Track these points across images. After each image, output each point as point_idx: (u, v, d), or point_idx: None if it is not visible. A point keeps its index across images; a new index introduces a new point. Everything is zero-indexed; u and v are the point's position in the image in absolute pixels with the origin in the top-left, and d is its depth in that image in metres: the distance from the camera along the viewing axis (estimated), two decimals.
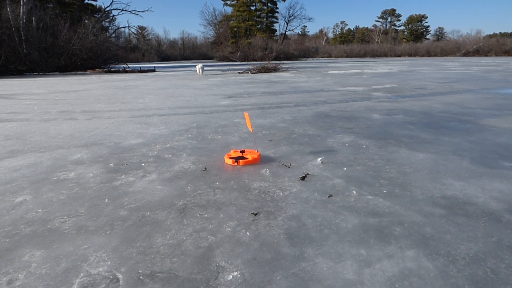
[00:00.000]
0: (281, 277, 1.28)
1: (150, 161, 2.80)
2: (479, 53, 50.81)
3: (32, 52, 20.45)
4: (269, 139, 3.48)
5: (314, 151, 3.01)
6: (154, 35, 75.94)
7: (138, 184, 2.29)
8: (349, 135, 3.57)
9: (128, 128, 4.16)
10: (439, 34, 74.63)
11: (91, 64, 23.61)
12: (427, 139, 3.36)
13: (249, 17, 53.91)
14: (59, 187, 2.26)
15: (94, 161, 2.83)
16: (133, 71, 20.39)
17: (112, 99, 7.29)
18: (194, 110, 5.48)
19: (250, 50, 40.66)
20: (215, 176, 2.42)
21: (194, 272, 1.32)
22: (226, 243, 1.53)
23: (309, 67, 22.30)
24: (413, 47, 59.29)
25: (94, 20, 30.69)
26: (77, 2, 34.10)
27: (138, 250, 1.48)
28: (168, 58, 62.38)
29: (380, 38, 74.22)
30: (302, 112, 5.09)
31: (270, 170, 2.51)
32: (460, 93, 7.28)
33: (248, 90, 8.59)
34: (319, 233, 1.60)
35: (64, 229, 1.68)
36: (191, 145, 3.30)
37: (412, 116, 4.65)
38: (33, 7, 23.21)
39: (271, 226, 1.68)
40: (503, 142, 3.23)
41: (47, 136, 3.82)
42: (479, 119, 4.37)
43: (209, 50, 61.63)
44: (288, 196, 2.05)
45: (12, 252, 1.48)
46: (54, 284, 1.27)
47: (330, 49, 64.56)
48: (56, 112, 5.55)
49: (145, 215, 1.82)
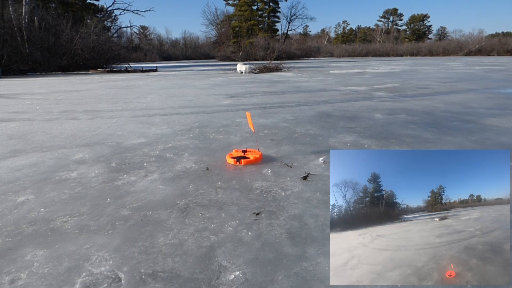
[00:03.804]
0: (283, 277, 1.28)
1: (152, 161, 2.80)
2: (481, 53, 50.62)
3: (34, 52, 20.52)
4: (270, 139, 3.48)
5: (316, 151, 3.00)
6: (156, 35, 76.02)
7: (140, 183, 2.29)
8: (351, 135, 3.56)
9: (130, 128, 4.17)
10: (441, 34, 74.36)
11: (93, 64, 23.67)
12: (429, 139, 3.35)
13: (251, 16, 53.89)
14: (61, 186, 2.26)
15: (96, 161, 2.84)
16: (135, 71, 20.42)
17: (114, 98, 7.31)
18: (196, 110, 5.49)
19: (252, 50, 40.67)
20: (217, 176, 2.42)
21: (196, 271, 1.32)
22: (228, 242, 1.53)
23: (311, 66, 22.27)
24: (415, 47, 59.13)
25: (96, 20, 30.79)
26: (79, 2, 34.17)
27: (140, 249, 1.48)
28: (170, 58, 62.45)
29: (382, 38, 74.05)
30: (304, 112, 5.08)
31: (272, 170, 2.51)
32: (463, 92, 7.25)
33: (249, 89, 8.59)
34: (321, 233, 1.60)
35: (66, 229, 1.68)
36: (193, 145, 3.31)
37: (414, 115, 4.64)
38: (35, 7, 23.30)
39: (273, 225, 1.68)
40: (505, 141, 3.22)
41: (49, 135, 3.83)
42: (482, 118, 4.35)
43: (211, 50, 61.61)
44: (290, 195, 2.05)
45: (14, 252, 1.49)
46: (56, 283, 1.27)
47: (332, 49, 64.44)
48: (58, 112, 5.57)
49: (147, 215, 1.82)
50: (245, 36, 50.52)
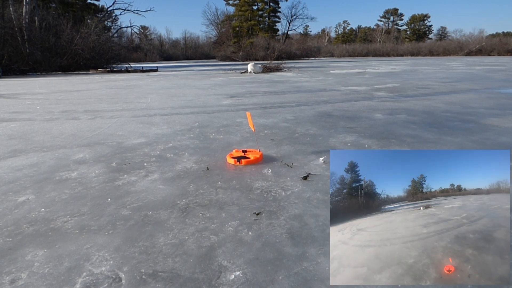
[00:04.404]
0: (283, 277, 1.28)
1: (153, 161, 2.80)
2: (481, 53, 50.57)
3: (35, 52, 20.53)
4: (271, 139, 3.48)
5: (316, 151, 3.00)
6: (157, 35, 76.00)
7: (141, 183, 2.29)
8: (351, 135, 3.56)
9: (131, 128, 4.17)
10: (441, 34, 74.32)
11: (94, 64, 23.67)
12: (430, 139, 3.34)
13: (251, 16, 53.89)
14: (62, 186, 2.26)
15: (97, 161, 2.84)
16: (135, 71, 20.42)
17: (114, 98, 7.31)
18: (196, 110, 5.49)
19: (252, 50, 40.65)
20: (217, 176, 2.42)
21: (196, 271, 1.32)
22: (228, 242, 1.53)
23: (311, 66, 22.26)
24: (415, 47, 59.09)
25: (97, 20, 30.79)
26: (79, 2, 34.20)
27: (140, 249, 1.48)
28: (170, 58, 62.44)
29: (383, 38, 74.01)
30: (304, 112, 5.08)
31: (272, 170, 2.51)
32: (463, 92, 7.25)
33: (250, 89, 8.59)
34: (321, 233, 1.60)
35: (66, 229, 1.68)
36: (193, 145, 3.31)
37: (414, 115, 4.63)
38: (36, 7, 23.32)
39: (273, 225, 1.68)
40: (505, 141, 3.21)
41: (49, 135, 3.84)
42: (482, 118, 4.35)
43: (211, 50, 61.62)
44: (290, 195, 2.05)
45: (15, 252, 1.49)
46: (57, 283, 1.27)
47: (332, 49, 64.40)
48: (59, 112, 5.57)
49: (148, 215, 1.82)
50: (245, 36, 50.50)
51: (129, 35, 57.35)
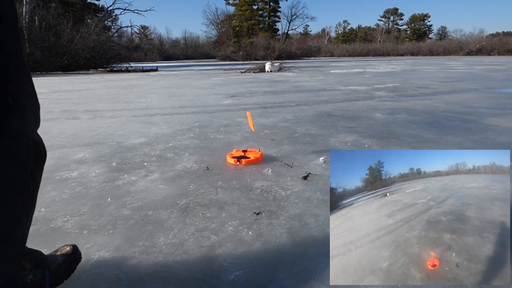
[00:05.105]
0: (284, 277, 1.28)
1: (153, 161, 2.80)
2: (482, 52, 50.54)
3: (35, 52, 20.52)
4: (271, 139, 3.48)
5: (316, 151, 3.00)
6: (157, 34, 76.14)
7: (141, 183, 2.29)
8: (351, 135, 3.56)
9: (131, 128, 4.17)
10: (441, 33, 74.26)
11: (94, 64, 23.65)
12: (430, 139, 3.34)
13: (251, 16, 53.88)
14: (62, 186, 2.27)
15: (97, 161, 2.84)
16: (135, 71, 20.41)
17: (114, 98, 7.31)
18: (196, 110, 5.49)
19: (252, 50, 40.64)
20: (217, 176, 2.42)
21: (196, 271, 1.32)
22: (229, 242, 1.53)
23: (311, 66, 22.25)
24: (415, 46, 59.07)
25: (97, 19, 30.78)
26: (79, 1, 34.18)
27: (140, 249, 1.48)
28: (171, 58, 62.43)
29: (383, 37, 73.95)
30: (304, 112, 5.08)
31: (272, 170, 2.51)
32: (463, 92, 7.24)
33: (250, 89, 8.59)
34: (321, 233, 1.60)
35: (67, 228, 1.68)
36: (193, 145, 3.31)
37: (414, 115, 4.63)
38: (36, 7, 23.31)
39: (273, 225, 1.68)
40: (506, 141, 3.21)
41: (49, 135, 3.84)
42: (482, 118, 4.35)
43: (211, 50, 61.62)
44: (290, 195, 2.05)
45: None
46: None
47: (332, 48, 64.37)
48: (59, 112, 5.57)
49: (148, 214, 1.82)
50: (245, 36, 50.50)
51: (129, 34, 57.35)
